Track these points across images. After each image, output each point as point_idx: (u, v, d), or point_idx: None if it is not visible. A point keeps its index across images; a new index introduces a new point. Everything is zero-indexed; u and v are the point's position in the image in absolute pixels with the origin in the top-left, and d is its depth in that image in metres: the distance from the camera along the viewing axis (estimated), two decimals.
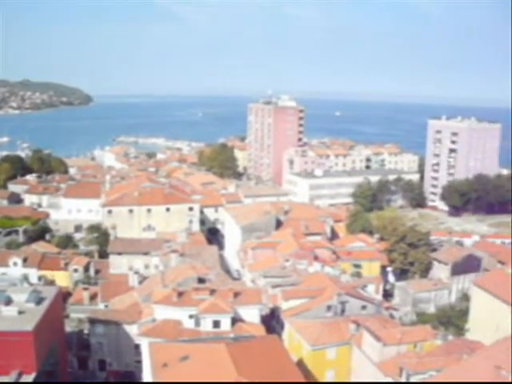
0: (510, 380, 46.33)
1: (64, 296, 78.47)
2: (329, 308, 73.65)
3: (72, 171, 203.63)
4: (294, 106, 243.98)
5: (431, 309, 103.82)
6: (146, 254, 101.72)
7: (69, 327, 77.57)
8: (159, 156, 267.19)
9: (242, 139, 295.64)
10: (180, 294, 68.48)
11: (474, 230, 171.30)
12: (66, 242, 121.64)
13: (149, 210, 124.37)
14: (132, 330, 70.89)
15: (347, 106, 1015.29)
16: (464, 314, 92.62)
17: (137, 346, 67.11)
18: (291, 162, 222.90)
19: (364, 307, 76.35)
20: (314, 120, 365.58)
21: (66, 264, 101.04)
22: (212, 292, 69.38)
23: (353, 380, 66.15)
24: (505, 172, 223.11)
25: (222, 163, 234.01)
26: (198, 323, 65.55)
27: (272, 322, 76.53)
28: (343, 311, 74.26)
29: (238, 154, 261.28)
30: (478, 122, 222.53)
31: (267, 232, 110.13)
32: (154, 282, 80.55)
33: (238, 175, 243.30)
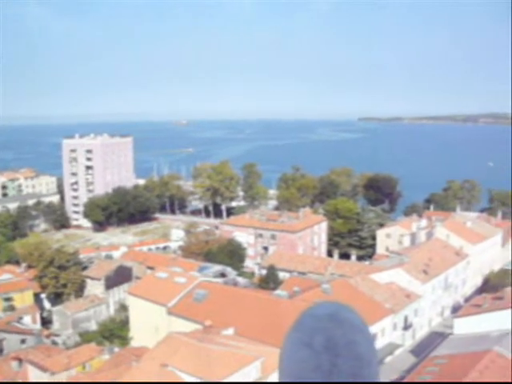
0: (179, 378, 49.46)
1: None
2: None
3: None
4: None
5: (93, 326, 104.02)
6: None
7: None
8: None
9: None
10: None
11: (121, 242, 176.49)
12: None
13: None
14: None
15: None
16: (125, 323, 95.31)
17: None
18: None
19: (24, 341, 73.62)
20: None
21: None
22: None
23: None
24: (141, 182, 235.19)
25: None
26: None
27: None
28: (1, 350, 70.41)
29: None
30: (111, 137, 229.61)
31: None
32: None
33: None
